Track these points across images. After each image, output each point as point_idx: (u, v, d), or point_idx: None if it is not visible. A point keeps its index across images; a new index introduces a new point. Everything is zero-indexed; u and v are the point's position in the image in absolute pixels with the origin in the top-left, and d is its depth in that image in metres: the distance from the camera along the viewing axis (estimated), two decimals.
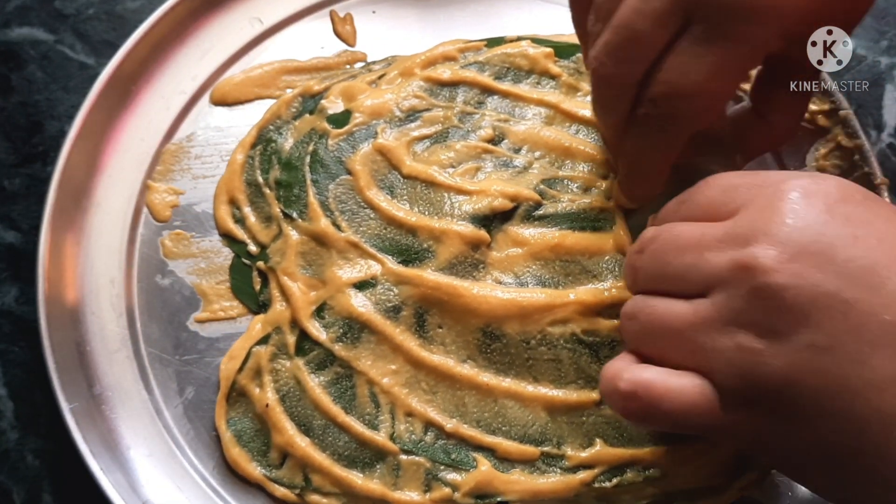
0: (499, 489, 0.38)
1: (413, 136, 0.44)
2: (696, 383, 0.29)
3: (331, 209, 0.43)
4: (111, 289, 0.44)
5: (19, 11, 0.51)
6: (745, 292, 0.28)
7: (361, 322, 0.41)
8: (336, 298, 0.41)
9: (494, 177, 0.43)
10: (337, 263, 0.42)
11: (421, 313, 0.41)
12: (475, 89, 0.46)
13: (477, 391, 0.40)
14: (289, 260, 0.42)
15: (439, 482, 0.39)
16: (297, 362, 0.41)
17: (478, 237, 0.41)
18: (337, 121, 0.45)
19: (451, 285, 0.40)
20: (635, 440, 0.39)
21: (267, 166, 0.45)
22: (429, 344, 0.40)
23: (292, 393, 0.41)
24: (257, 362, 0.41)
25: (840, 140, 0.45)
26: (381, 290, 0.41)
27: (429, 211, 0.42)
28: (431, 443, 0.39)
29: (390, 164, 0.44)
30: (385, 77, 0.47)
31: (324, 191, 0.43)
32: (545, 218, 0.42)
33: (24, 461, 0.43)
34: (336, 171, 0.44)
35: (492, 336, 0.40)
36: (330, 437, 0.40)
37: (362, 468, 0.39)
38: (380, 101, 0.45)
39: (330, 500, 0.39)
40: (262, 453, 0.40)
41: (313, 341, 0.41)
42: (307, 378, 0.40)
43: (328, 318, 0.41)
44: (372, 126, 0.44)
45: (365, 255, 0.42)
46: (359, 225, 0.43)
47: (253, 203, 0.45)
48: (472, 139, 0.44)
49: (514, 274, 0.41)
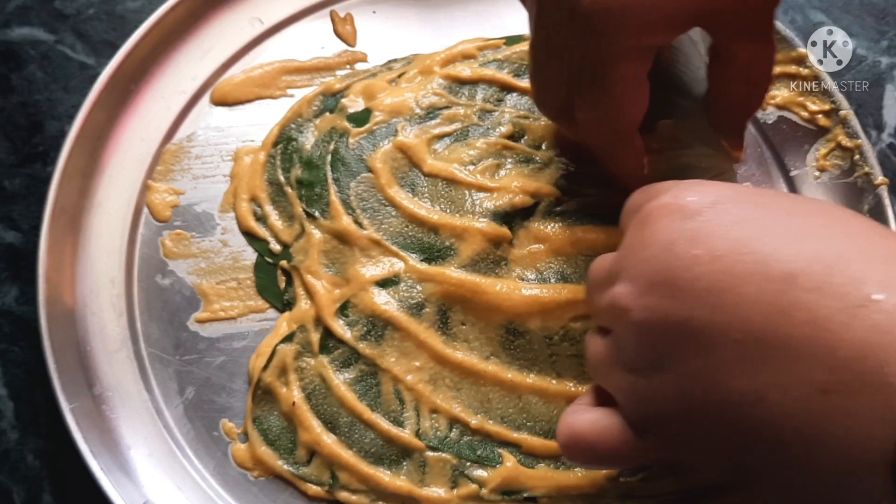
0: (525, 484, 0.39)
1: (433, 133, 0.45)
2: (616, 422, 0.30)
3: (352, 207, 0.43)
4: (111, 289, 0.43)
5: (19, 11, 0.51)
6: (620, 332, 0.29)
7: (385, 319, 0.41)
8: (359, 296, 0.41)
9: (515, 173, 0.43)
10: (360, 261, 0.42)
11: (444, 310, 0.41)
12: (494, 87, 0.46)
13: (501, 387, 0.40)
14: (312, 258, 0.43)
15: (466, 478, 0.39)
16: (322, 360, 0.41)
17: (499, 234, 0.41)
18: (357, 119, 0.45)
19: (473, 282, 0.41)
20: None
21: (288, 165, 0.45)
22: (452, 341, 0.41)
23: (318, 391, 0.41)
24: (282, 360, 0.41)
25: (840, 140, 0.45)
26: (404, 288, 0.41)
27: (450, 209, 0.43)
28: (457, 439, 0.40)
29: (411, 161, 0.44)
30: (405, 75, 0.47)
31: (345, 189, 0.44)
32: (566, 213, 0.42)
33: (24, 461, 0.43)
34: (357, 170, 0.44)
35: (515, 332, 0.40)
36: (356, 435, 0.40)
37: (389, 465, 0.40)
38: (399, 99, 0.45)
39: (359, 497, 0.39)
40: (289, 451, 0.40)
41: (337, 339, 0.41)
42: (332, 376, 0.41)
43: (352, 315, 0.41)
44: (392, 124, 0.45)
45: (387, 253, 0.42)
46: (381, 223, 0.43)
47: (274, 202, 0.45)
48: (492, 136, 0.44)
49: (536, 270, 0.41)
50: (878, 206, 0.43)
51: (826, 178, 0.45)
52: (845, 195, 0.45)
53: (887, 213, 0.43)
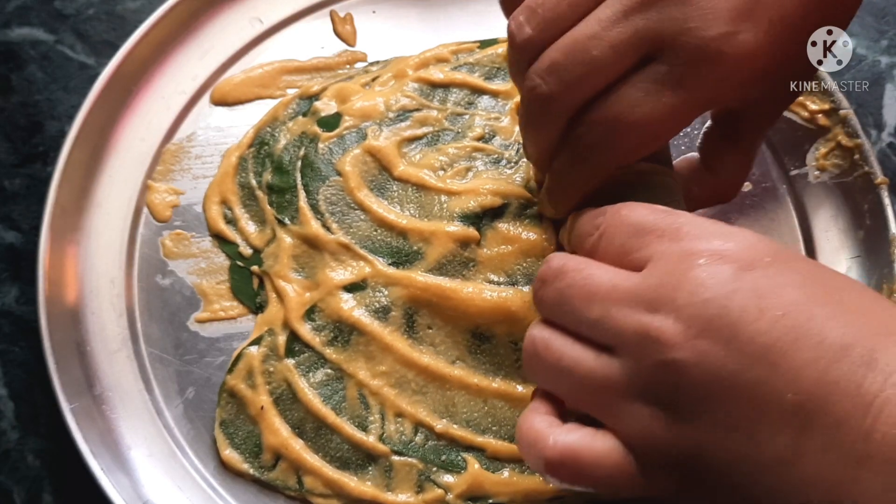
0: (490, 491, 0.39)
1: (404, 136, 0.44)
2: (617, 447, 0.29)
3: (321, 212, 0.43)
4: (111, 289, 0.43)
5: (19, 11, 0.51)
6: (650, 364, 0.28)
7: (351, 324, 0.41)
8: (327, 301, 0.41)
9: (486, 175, 0.43)
10: (329, 265, 0.42)
11: (410, 314, 0.41)
12: (465, 90, 0.46)
13: (467, 391, 0.40)
14: (282, 263, 0.42)
15: (432, 483, 0.39)
16: (288, 364, 0.41)
17: (466, 235, 0.41)
18: (328, 124, 0.45)
19: (439, 286, 0.40)
20: None
21: (260, 169, 0.45)
22: (418, 344, 0.40)
23: (285, 395, 0.41)
24: (249, 363, 0.41)
25: (840, 140, 0.45)
26: (371, 292, 0.41)
27: (419, 213, 0.42)
28: (422, 444, 0.40)
29: (381, 165, 0.44)
30: (378, 79, 0.47)
31: (314, 194, 0.44)
32: (536, 215, 0.42)
33: (24, 461, 0.43)
34: (326, 173, 0.44)
35: (481, 337, 0.40)
36: (322, 440, 0.40)
37: (355, 470, 0.39)
38: (370, 103, 0.45)
39: (329, 500, 0.39)
40: (255, 455, 0.40)
41: (304, 343, 0.41)
42: (297, 380, 0.40)
43: (319, 320, 0.41)
44: (362, 129, 0.45)
45: (356, 257, 0.42)
46: (349, 226, 0.43)
47: (245, 205, 0.45)
48: (462, 140, 0.44)
49: (504, 273, 0.41)
50: (878, 206, 0.43)
51: (826, 177, 0.46)
52: (845, 195, 0.45)
53: (887, 213, 0.43)
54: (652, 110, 0.32)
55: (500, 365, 0.40)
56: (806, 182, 0.46)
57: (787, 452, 0.25)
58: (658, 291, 0.28)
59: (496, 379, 0.40)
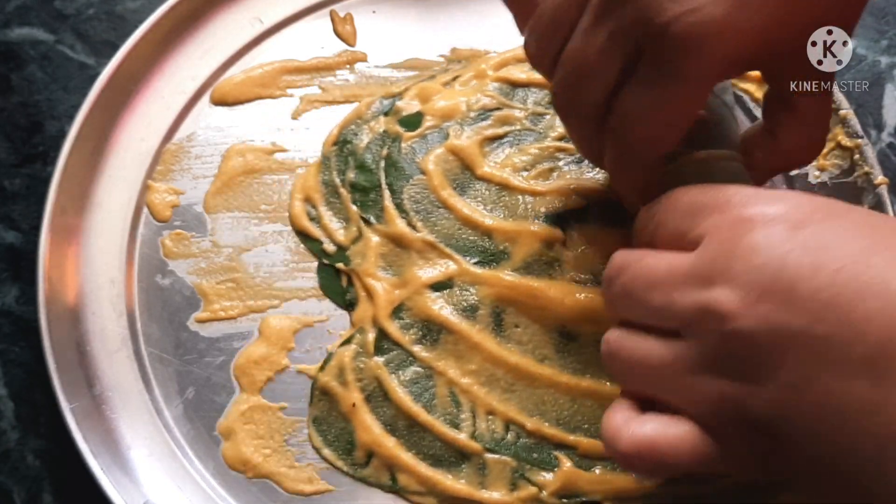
0: (584, 489, 0.39)
1: (485, 135, 0.45)
2: (692, 430, 0.29)
3: (405, 210, 0.44)
4: (111, 289, 0.44)
5: (19, 11, 0.51)
6: (715, 339, 0.28)
7: (439, 323, 0.41)
8: (414, 300, 0.42)
9: (569, 176, 0.44)
10: (417, 264, 0.42)
11: (498, 312, 0.41)
12: (545, 90, 0.46)
13: (556, 389, 0.40)
14: (369, 262, 0.43)
15: (526, 481, 0.39)
16: (377, 361, 0.41)
17: (551, 235, 0.42)
18: (409, 123, 0.46)
19: (527, 286, 0.41)
20: None
21: (343, 167, 0.46)
22: (506, 343, 0.41)
23: (376, 392, 0.41)
24: (340, 361, 0.41)
25: (840, 140, 0.45)
26: (458, 291, 0.42)
27: (504, 214, 0.43)
28: (514, 441, 0.40)
29: (463, 164, 0.44)
30: (459, 78, 0.47)
31: (399, 193, 0.44)
32: (619, 214, 0.42)
33: (24, 461, 0.43)
34: (410, 172, 0.45)
35: (568, 336, 0.41)
36: (415, 437, 0.40)
37: (448, 468, 0.40)
38: (451, 102, 0.46)
39: (424, 498, 0.40)
40: (348, 452, 0.40)
41: (392, 341, 0.41)
42: (388, 378, 0.41)
43: (406, 318, 0.42)
44: (444, 128, 0.45)
45: (442, 256, 0.43)
46: (433, 225, 0.43)
47: (329, 203, 0.45)
48: (544, 141, 0.45)
49: (590, 272, 0.41)
50: (878, 206, 0.43)
51: (826, 177, 0.45)
52: (845, 195, 0.45)
53: (887, 213, 0.43)
54: (650, 106, 0.32)
55: (588, 363, 0.40)
56: (806, 182, 0.46)
57: (868, 401, 0.25)
58: (713, 265, 0.28)
59: (584, 377, 0.40)
